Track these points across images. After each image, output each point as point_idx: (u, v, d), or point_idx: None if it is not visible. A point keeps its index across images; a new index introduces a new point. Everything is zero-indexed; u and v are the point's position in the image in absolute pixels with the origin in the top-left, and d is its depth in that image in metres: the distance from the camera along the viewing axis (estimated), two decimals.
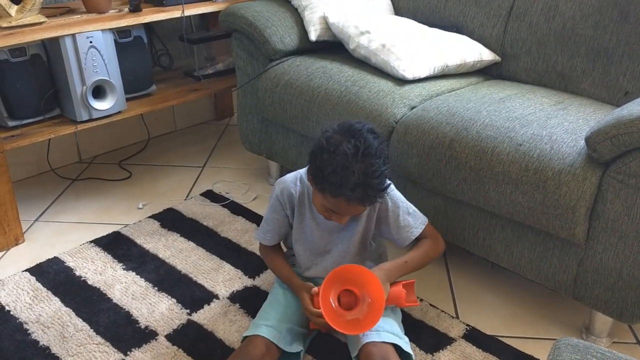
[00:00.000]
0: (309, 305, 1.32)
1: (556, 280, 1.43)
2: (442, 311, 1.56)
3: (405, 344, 1.30)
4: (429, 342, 1.44)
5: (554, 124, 1.45)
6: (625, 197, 1.25)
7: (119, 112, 2.00)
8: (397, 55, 1.74)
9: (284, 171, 2.19)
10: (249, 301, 1.57)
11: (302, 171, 1.42)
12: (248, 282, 1.66)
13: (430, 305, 1.58)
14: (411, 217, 1.41)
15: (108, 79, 1.92)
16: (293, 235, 1.45)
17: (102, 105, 1.94)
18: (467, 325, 1.51)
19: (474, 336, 1.47)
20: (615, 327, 1.47)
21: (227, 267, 1.72)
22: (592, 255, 1.35)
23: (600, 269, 1.34)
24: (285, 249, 1.55)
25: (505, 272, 1.72)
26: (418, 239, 1.43)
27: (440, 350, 1.43)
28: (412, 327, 1.47)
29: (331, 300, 1.28)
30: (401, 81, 1.74)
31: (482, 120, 1.49)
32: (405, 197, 1.44)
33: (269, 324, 1.33)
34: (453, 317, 1.54)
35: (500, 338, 1.47)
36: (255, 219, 1.96)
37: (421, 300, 1.59)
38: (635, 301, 1.31)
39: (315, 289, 1.32)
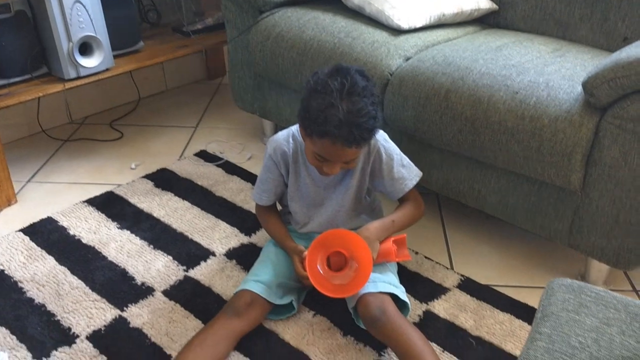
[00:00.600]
0: (299, 269, 1.33)
1: (551, 229, 1.43)
2: (437, 263, 1.56)
3: (402, 293, 1.31)
4: (424, 292, 1.45)
5: (551, 70, 1.42)
6: (623, 142, 1.24)
7: (107, 70, 1.96)
8: (391, 3, 1.69)
9: (278, 130, 2.15)
10: (246, 257, 1.57)
11: (294, 128, 1.41)
12: (244, 239, 1.66)
13: (426, 257, 1.58)
14: (405, 170, 1.40)
15: (94, 35, 1.87)
16: (288, 193, 1.44)
17: (90, 63, 1.89)
18: (462, 275, 1.51)
19: (468, 286, 1.48)
20: (611, 274, 1.47)
21: (223, 225, 1.72)
22: (588, 203, 1.34)
23: (596, 216, 1.34)
24: (280, 208, 1.54)
25: (500, 223, 1.72)
26: (402, 201, 1.43)
27: (435, 300, 1.43)
28: (408, 278, 1.47)
29: (318, 266, 1.29)
30: (396, 31, 1.70)
31: (479, 69, 1.46)
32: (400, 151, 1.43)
33: (258, 279, 1.34)
34: (448, 268, 1.54)
35: (494, 287, 1.48)
36: (251, 178, 1.94)
37: (416, 253, 1.59)
38: (631, 247, 1.31)
39: (305, 252, 1.32)
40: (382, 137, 1.38)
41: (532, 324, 1.34)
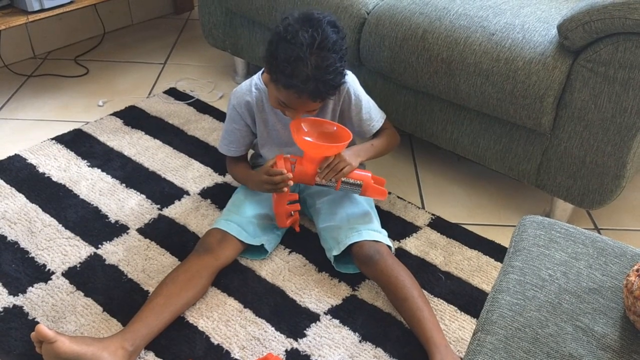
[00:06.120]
0: (268, 171, 1.29)
1: (520, 169, 1.48)
2: (409, 203, 1.60)
3: (385, 238, 1.34)
4: (396, 231, 1.49)
5: (527, 12, 1.42)
6: (593, 85, 1.27)
7: (72, 2, 1.88)
8: None
9: (250, 68, 2.12)
10: (220, 197, 1.57)
11: (256, 76, 1.41)
12: (218, 179, 1.66)
13: (398, 197, 1.61)
14: (373, 112, 1.43)
15: None
16: (259, 141, 1.44)
17: None
18: (433, 214, 1.56)
19: (438, 224, 1.52)
20: (574, 213, 1.54)
21: (197, 164, 1.71)
22: (556, 144, 1.38)
23: (563, 157, 1.38)
24: (252, 152, 1.54)
25: (470, 165, 1.76)
26: (378, 131, 1.46)
27: (407, 238, 1.48)
28: (381, 217, 1.50)
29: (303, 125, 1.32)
30: None
31: (456, 10, 1.45)
32: (375, 93, 1.46)
33: (228, 218, 1.36)
34: (419, 208, 1.58)
35: (463, 225, 1.53)
36: (223, 118, 1.88)
37: (389, 193, 1.61)
38: (596, 188, 1.37)
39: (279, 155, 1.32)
40: (351, 79, 1.38)
41: (498, 259, 1.41)
